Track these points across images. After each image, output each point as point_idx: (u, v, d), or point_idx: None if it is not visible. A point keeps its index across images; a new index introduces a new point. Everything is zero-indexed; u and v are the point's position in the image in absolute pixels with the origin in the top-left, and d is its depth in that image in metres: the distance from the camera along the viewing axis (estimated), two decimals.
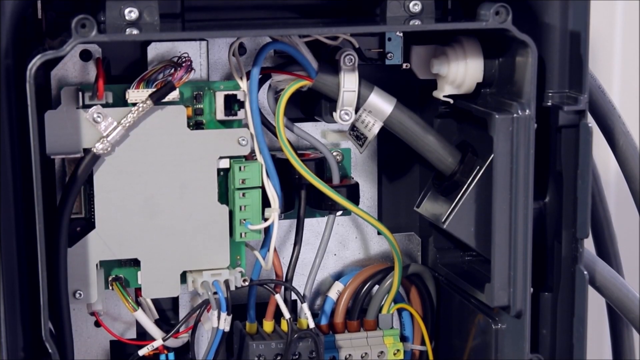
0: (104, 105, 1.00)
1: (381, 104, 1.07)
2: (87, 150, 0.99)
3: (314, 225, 1.15)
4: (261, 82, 1.06)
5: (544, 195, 1.07)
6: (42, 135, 0.98)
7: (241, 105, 1.04)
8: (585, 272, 1.03)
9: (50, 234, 0.97)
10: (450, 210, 1.08)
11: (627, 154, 1.13)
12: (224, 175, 1.05)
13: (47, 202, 0.99)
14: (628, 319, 1.11)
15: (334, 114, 1.07)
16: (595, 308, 1.14)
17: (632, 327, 1.16)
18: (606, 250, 1.19)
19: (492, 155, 1.03)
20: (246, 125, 1.04)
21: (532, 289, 1.05)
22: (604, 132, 1.13)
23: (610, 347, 1.21)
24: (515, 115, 1.01)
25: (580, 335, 1.05)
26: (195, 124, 1.04)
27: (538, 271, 1.06)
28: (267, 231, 1.07)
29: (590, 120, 1.03)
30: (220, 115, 1.04)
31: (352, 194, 1.11)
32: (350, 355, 1.13)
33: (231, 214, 1.04)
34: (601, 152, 1.15)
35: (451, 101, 1.09)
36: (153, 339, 1.06)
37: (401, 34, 1.09)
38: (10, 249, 0.95)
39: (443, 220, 1.09)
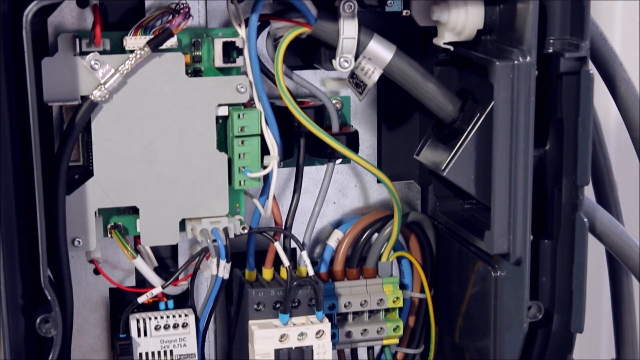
0: (101, 53, 0.99)
1: (381, 51, 1.06)
2: (84, 98, 0.99)
3: (313, 174, 1.15)
4: (260, 29, 1.05)
5: (544, 143, 1.06)
6: (39, 82, 0.97)
7: (240, 52, 1.03)
8: (585, 220, 1.03)
9: (48, 181, 0.97)
10: (450, 158, 1.08)
11: (628, 101, 1.12)
12: (222, 123, 1.04)
13: (45, 149, 0.99)
14: (628, 266, 1.11)
15: (333, 61, 1.06)
16: (595, 256, 1.14)
17: (631, 275, 1.16)
18: (606, 198, 1.19)
19: (493, 103, 1.02)
20: (245, 73, 1.04)
21: (531, 237, 1.04)
22: (605, 80, 1.13)
23: (609, 294, 1.21)
24: (516, 62, 1.01)
25: (580, 283, 1.05)
26: (194, 72, 1.04)
27: (538, 218, 1.06)
28: (266, 179, 1.06)
29: (592, 68, 1.02)
30: (218, 62, 1.03)
31: (352, 141, 1.10)
32: (349, 302, 1.13)
33: (230, 162, 1.04)
34: (602, 99, 1.15)
35: (451, 48, 1.08)
36: (152, 287, 1.06)
37: None
38: (8, 197, 0.94)
39: (443, 167, 1.08)
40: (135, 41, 0.99)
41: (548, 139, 1.06)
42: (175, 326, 1.07)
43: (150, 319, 1.06)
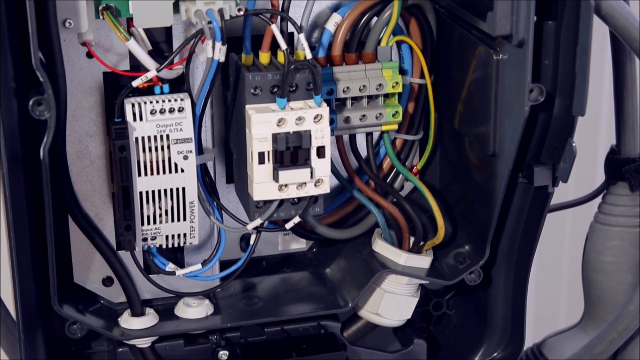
0: None
1: None
2: None
3: None
4: None
5: None
6: None
7: None
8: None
9: None
10: None
11: None
12: None
13: None
14: (632, 48, 1.09)
15: None
16: (599, 38, 1.12)
17: (635, 58, 1.14)
18: None
19: None
20: None
21: (535, 18, 1.02)
22: None
23: (611, 78, 1.19)
24: None
25: (583, 65, 1.03)
26: None
27: None
28: None
29: None
30: None
31: None
32: (348, 87, 1.11)
33: None
34: None
35: None
36: (147, 71, 1.04)
37: None
38: None
39: None
40: None
41: None
42: (171, 110, 1.05)
43: (145, 103, 1.05)
